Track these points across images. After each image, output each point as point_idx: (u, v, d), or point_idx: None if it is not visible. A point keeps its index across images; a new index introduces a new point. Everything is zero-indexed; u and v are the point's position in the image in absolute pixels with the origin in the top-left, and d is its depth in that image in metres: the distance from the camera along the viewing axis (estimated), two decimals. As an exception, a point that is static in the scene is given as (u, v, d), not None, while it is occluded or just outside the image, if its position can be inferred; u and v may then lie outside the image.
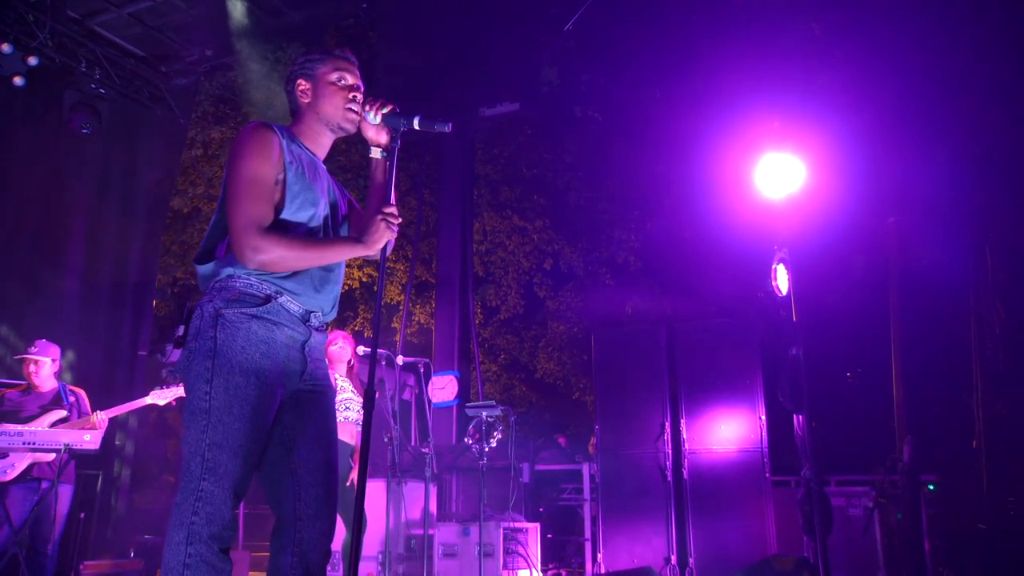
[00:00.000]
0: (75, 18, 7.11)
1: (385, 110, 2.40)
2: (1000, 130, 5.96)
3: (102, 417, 5.18)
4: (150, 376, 7.77)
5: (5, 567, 4.70)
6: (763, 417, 6.74)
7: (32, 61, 6.51)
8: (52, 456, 4.97)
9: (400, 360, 6.04)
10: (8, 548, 4.73)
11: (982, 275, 5.98)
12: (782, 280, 5.46)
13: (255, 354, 2.19)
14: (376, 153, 2.47)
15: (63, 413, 5.15)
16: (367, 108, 2.42)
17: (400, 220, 2.36)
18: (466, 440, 6.29)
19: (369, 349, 4.67)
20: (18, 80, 6.49)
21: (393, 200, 2.40)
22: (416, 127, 2.37)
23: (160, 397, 5.41)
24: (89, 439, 4.87)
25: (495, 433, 6.02)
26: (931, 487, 6.23)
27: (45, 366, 5.23)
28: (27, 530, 4.88)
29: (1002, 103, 5.87)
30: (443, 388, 8.53)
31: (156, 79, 7.88)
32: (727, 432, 6.84)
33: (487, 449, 5.93)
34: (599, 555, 7.14)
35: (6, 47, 6.33)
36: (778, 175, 5.48)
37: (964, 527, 5.90)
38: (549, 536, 8.19)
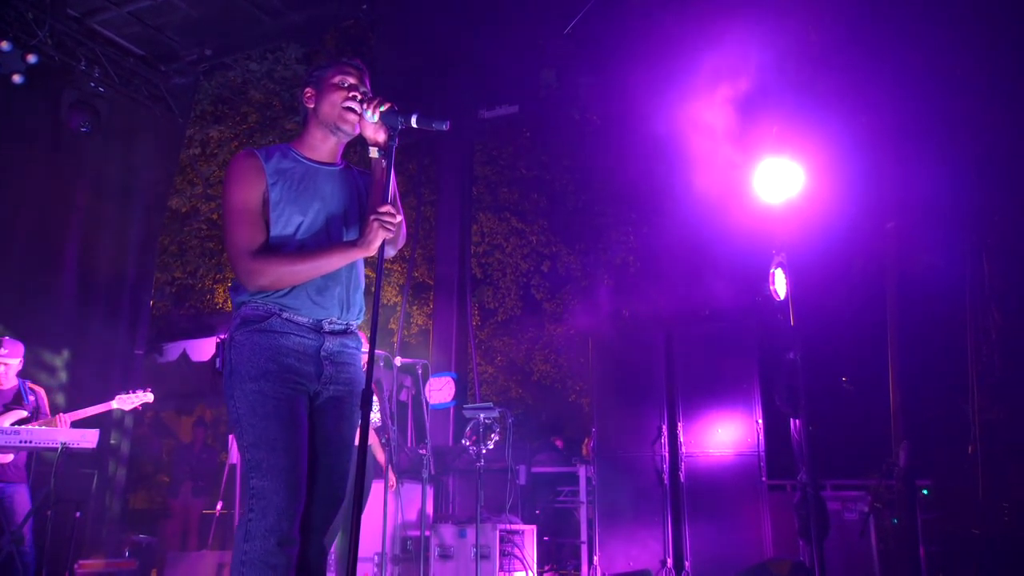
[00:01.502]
0: (75, 16, 7.10)
1: (383, 108, 2.40)
2: (1000, 130, 5.96)
3: (64, 420, 5.14)
4: (147, 376, 7.75)
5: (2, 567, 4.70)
6: (760, 421, 6.74)
7: (31, 59, 6.50)
8: (10, 457, 4.96)
9: (398, 361, 6.04)
10: (4, 548, 4.72)
11: (979, 280, 5.98)
12: (780, 284, 5.47)
13: (259, 360, 2.31)
14: (374, 152, 2.47)
15: (24, 413, 5.12)
16: (365, 106, 2.43)
17: (398, 220, 2.38)
18: (463, 442, 6.28)
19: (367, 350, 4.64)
20: (17, 78, 6.47)
21: (396, 198, 2.42)
22: (414, 125, 2.38)
23: (125, 402, 5.38)
24: (86, 438, 4.86)
25: (492, 435, 6.02)
26: (927, 492, 6.23)
27: (13, 367, 5.21)
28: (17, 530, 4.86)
29: (1002, 103, 5.88)
30: (440, 389, 8.53)
31: (155, 78, 7.88)
32: (724, 436, 6.84)
33: (484, 451, 5.93)
34: (595, 558, 7.13)
35: (5, 45, 6.32)
36: (776, 179, 5.49)
37: (960, 532, 5.90)
38: (545, 538, 8.19)
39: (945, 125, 6.11)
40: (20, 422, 5.06)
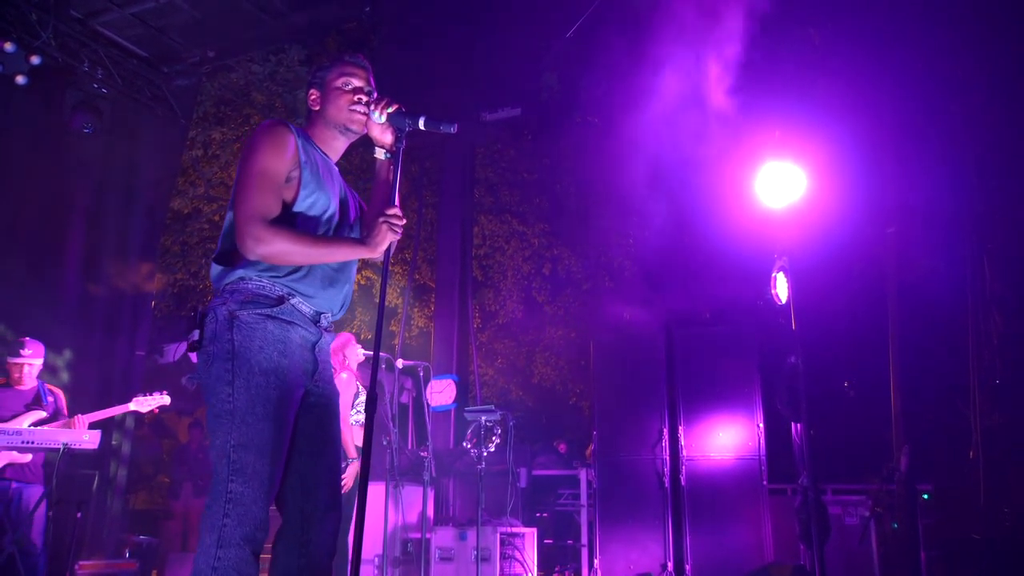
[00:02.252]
0: (78, 18, 7.10)
1: (391, 109, 2.39)
2: (1000, 131, 5.97)
3: (82, 421, 5.15)
4: (148, 376, 7.75)
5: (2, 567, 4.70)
6: (761, 425, 6.75)
7: (35, 60, 6.51)
8: (29, 457, 4.97)
9: (399, 363, 6.04)
10: (5, 548, 4.73)
11: (980, 285, 5.98)
12: (781, 288, 5.48)
13: (273, 353, 2.20)
14: (380, 154, 2.46)
15: (43, 414, 5.13)
16: (373, 107, 2.41)
17: (404, 222, 2.37)
18: (464, 444, 6.28)
19: (369, 352, 4.67)
20: (20, 79, 6.49)
21: (397, 201, 2.41)
22: (421, 127, 2.37)
23: (142, 404, 5.38)
24: (88, 439, 4.86)
25: (493, 437, 6.01)
26: (927, 496, 6.22)
27: (36, 367, 5.23)
28: (22, 530, 4.87)
29: (1002, 103, 5.88)
30: (441, 392, 8.52)
31: (158, 79, 7.89)
32: (725, 439, 6.84)
33: (485, 453, 5.92)
34: (596, 561, 7.13)
35: (9, 46, 6.33)
36: (778, 184, 5.50)
37: (960, 536, 5.90)
38: (546, 541, 8.18)
39: (945, 126, 6.11)
40: (39, 423, 5.07)
